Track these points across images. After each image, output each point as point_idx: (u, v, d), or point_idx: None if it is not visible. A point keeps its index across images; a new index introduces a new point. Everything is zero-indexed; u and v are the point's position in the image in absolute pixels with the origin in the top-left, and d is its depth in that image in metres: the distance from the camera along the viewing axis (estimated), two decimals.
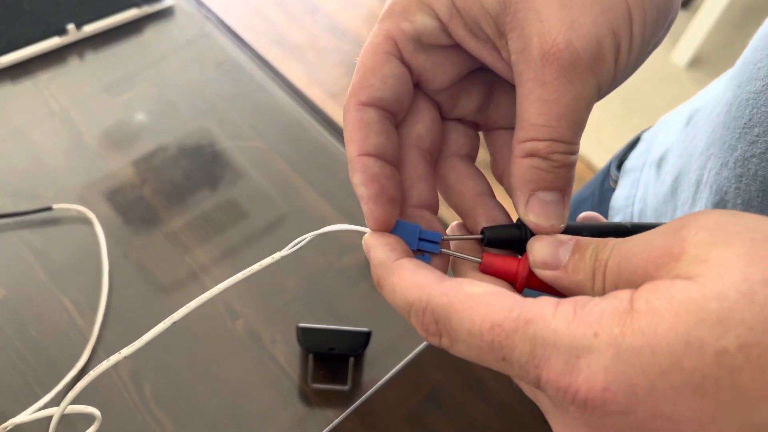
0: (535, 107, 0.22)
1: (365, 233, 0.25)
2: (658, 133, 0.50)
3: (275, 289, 0.50)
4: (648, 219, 0.45)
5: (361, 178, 0.24)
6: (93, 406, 0.42)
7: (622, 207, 0.50)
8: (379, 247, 0.24)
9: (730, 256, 0.17)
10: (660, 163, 0.47)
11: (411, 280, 0.22)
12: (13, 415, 0.41)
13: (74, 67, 0.62)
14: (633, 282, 0.19)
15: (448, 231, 0.27)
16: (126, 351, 0.25)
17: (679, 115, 0.48)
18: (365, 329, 0.45)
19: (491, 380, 0.46)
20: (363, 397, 0.45)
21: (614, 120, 1.84)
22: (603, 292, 0.20)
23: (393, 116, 0.26)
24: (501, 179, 0.27)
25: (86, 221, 0.51)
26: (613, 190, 0.52)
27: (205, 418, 0.44)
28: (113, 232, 0.51)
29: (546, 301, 0.19)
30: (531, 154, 0.23)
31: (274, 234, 0.53)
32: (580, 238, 0.22)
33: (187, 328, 0.47)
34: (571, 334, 0.18)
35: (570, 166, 0.23)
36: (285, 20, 1.97)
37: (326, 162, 0.59)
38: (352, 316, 0.49)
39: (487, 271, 0.25)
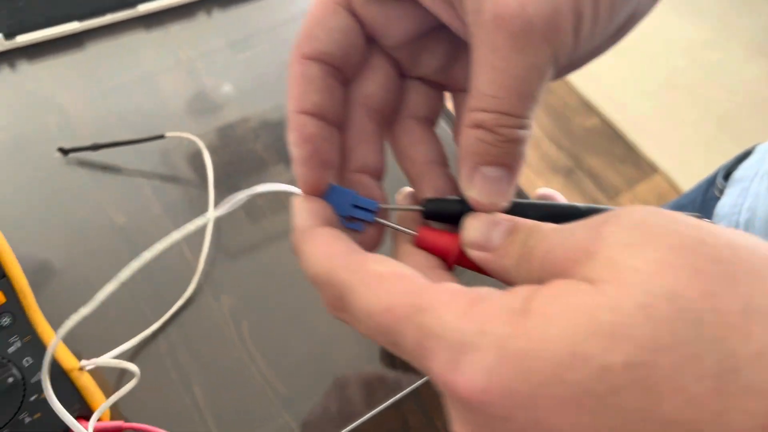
0: (485, 74, 0.20)
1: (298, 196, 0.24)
2: None
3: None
4: (756, 230, 0.45)
5: (295, 137, 0.23)
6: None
7: (728, 215, 0.49)
8: (302, 212, 0.23)
9: (640, 262, 0.16)
10: None
11: (321, 250, 0.21)
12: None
13: (201, 22, 0.66)
14: (555, 275, 0.18)
15: (398, 198, 0.26)
16: None
17: None
18: None
19: None
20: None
21: (706, 143, 1.78)
22: (530, 282, 0.19)
23: (340, 72, 0.24)
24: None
25: (201, 164, 0.55)
26: (717, 198, 0.52)
27: (294, 361, 0.46)
28: (224, 178, 0.54)
29: (446, 290, 0.18)
30: (478, 125, 0.21)
31: None
32: (520, 219, 0.21)
33: (285, 274, 0.50)
34: (460, 329, 0.17)
35: (518, 142, 0.21)
36: None
37: None
38: None
39: (422, 245, 0.24)
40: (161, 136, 0.54)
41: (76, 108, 0.58)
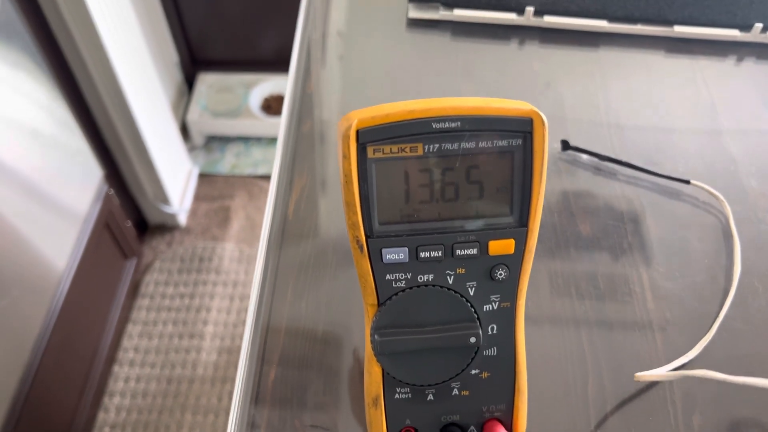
0: None
1: None
2: None
3: None
4: None
5: None
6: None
7: None
8: None
9: None
10: None
11: None
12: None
13: (730, 65, 0.57)
14: None
15: None
16: None
17: None
18: None
19: None
20: None
21: None
22: None
23: None
24: None
25: (719, 211, 0.45)
26: None
27: None
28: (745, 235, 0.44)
29: None
30: None
31: None
32: None
33: None
34: None
35: None
36: None
37: None
38: None
39: None
40: (686, 182, 0.46)
41: (573, 103, 0.53)
